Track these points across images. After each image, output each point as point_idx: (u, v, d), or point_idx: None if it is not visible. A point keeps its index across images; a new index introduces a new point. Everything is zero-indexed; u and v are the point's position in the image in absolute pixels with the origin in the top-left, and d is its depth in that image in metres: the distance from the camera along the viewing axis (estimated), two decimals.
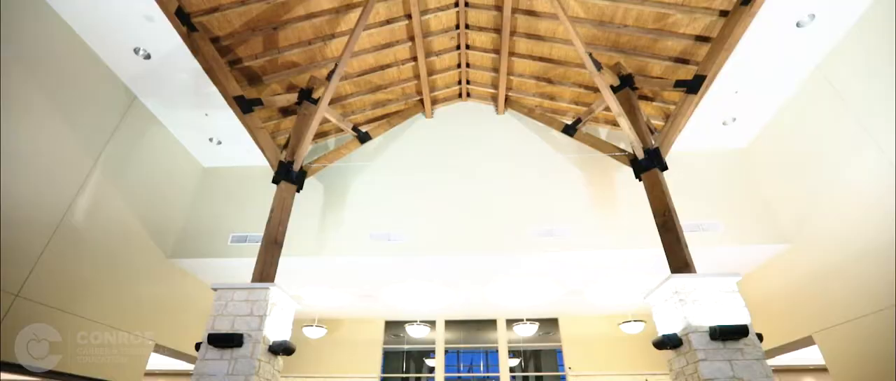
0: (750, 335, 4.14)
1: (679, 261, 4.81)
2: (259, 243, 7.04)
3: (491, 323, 10.89)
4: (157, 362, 8.49)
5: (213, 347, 4.41)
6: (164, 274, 7.43)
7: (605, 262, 7.26)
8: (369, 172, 8.03)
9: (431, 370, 10.74)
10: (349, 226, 7.38)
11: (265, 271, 5.04)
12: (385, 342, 10.86)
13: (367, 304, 9.45)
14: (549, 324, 10.80)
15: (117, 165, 6.49)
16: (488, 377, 11.59)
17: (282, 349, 4.57)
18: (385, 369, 13.35)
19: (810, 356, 8.02)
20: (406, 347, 11.37)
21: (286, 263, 7.17)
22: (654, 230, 6.79)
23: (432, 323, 10.74)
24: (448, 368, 12.59)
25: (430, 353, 11.03)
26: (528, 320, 9.80)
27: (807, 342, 6.75)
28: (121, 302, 6.60)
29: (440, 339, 10.73)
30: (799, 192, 6.65)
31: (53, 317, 5.52)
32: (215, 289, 4.86)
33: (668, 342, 4.36)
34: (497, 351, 10.66)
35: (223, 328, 4.52)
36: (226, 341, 4.32)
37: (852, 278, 5.85)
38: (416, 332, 10.03)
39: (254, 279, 5.06)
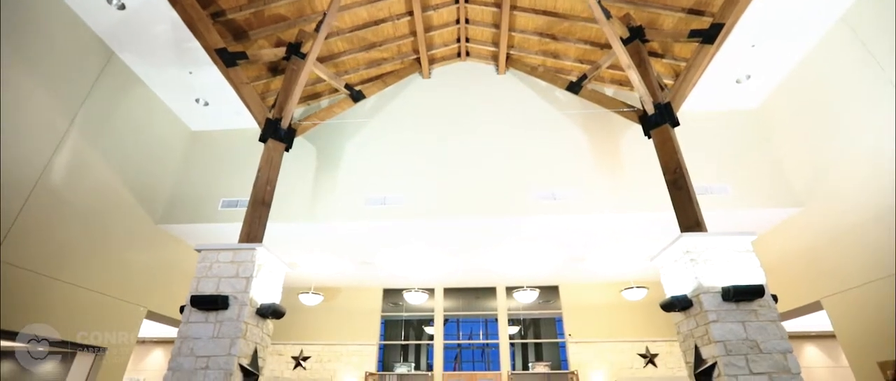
0: (765, 295, 3.91)
1: (690, 220, 4.54)
2: None
3: (491, 291, 10.76)
4: (151, 329, 8.40)
5: (196, 309, 4.19)
6: (153, 240, 7.21)
7: (609, 226, 7.01)
8: (364, 134, 7.69)
9: (432, 337, 10.68)
10: (343, 190, 7.09)
11: (252, 232, 4.78)
12: (383, 310, 10.77)
13: (365, 271, 9.27)
14: (549, 292, 10.67)
15: (98, 127, 6.18)
16: (488, 344, 11.58)
17: (271, 312, 4.36)
18: (385, 336, 13.37)
19: (813, 322, 7.90)
20: (405, 314, 11.30)
21: (278, 228, 6.98)
22: (661, 193, 6.50)
23: (431, 291, 10.61)
24: (448, 336, 12.58)
25: (430, 321, 10.96)
26: (528, 287, 9.64)
27: (815, 307, 6.59)
28: (110, 269, 6.43)
29: (439, 307, 10.62)
30: (813, 153, 6.37)
31: (39, 282, 5.32)
32: (199, 250, 4.62)
33: (677, 304, 4.13)
34: (497, 319, 10.57)
35: (208, 290, 4.29)
36: (210, 303, 4.10)
37: (865, 242, 5.63)
38: (414, 299, 9.90)
39: (241, 241, 4.81)
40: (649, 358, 9.54)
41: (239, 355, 3.99)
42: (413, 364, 16.40)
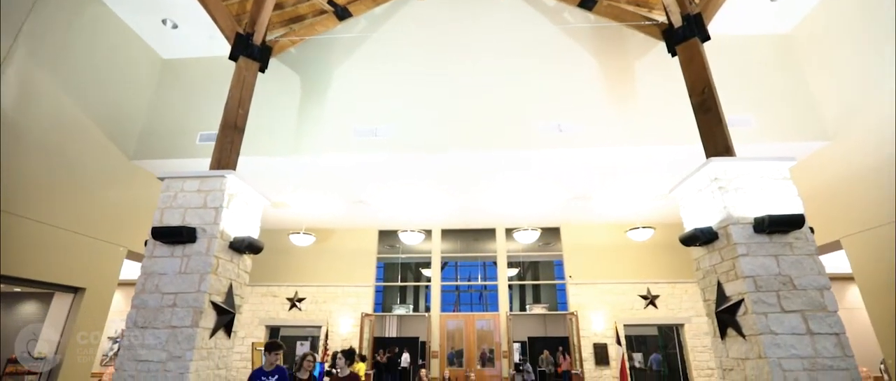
0: (804, 227, 3.45)
1: (719, 145, 4.00)
2: None
3: (490, 233, 10.42)
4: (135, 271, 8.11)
5: (160, 243, 3.73)
6: (128, 177, 6.72)
7: (618, 160, 6.48)
8: (353, 60, 6.95)
9: (429, 280, 10.47)
10: (330, 120, 6.49)
11: (223, 159, 4.25)
12: (380, 252, 10.49)
13: (359, 211, 8.84)
14: (550, 234, 10.35)
15: (49, 50, 5.56)
16: (487, 285, 11.47)
17: (246, 247, 3.91)
18: (384, 279, 13.26)
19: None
20: (402, 256, 11.05)
21: (261, 163, 6.49)
22: (677, 125, 6.01)
23: (428, 233, 10.26)
24: (447, 280, 12.44)
25: (428, 264, 10.71)
26: (530, 228, 9.26)
27: (834, 246, 6.24)
28: (83, 207, 6.05)
29: (436, 249, 10.32)
30: (847, 84, 5.82)
31: (4, 220, 4.86)
32: (162, 179, 4.10)
33: (701, 237, 3.68)
34: (495, 263, 10.31)
35: (173, 222, 3.82)
36: (174, 235, 3.63)
37: (892, 180, 5.16)
38: (410, 239, 9.55)
39: (211, 168, 4.27)
40: (650, 300, 9.38)
41: (210, 291, 3.58)
42: (411, 306, 16.55)
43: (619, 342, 8.92)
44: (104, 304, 6.39)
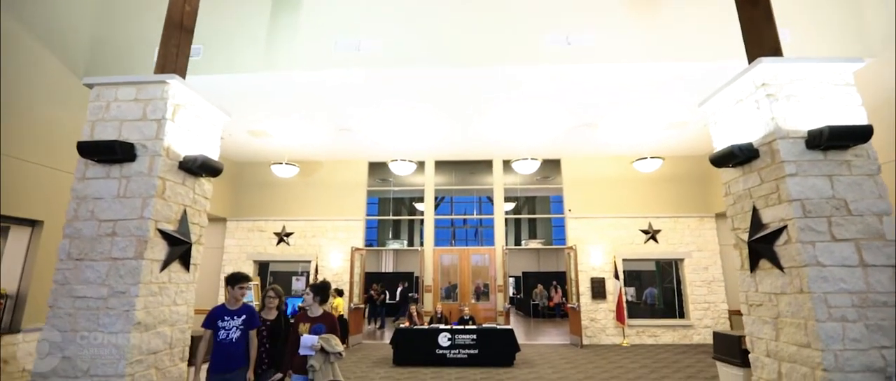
0: (869, 141, 2.86)
1: (767, 45, 3.30)
2: (196, 57, 5.50)
3: (486, 164, 9.84)
4: None
5: (93, 162, 3.11)
6: (82, 99, 5.91)
7: (633, 78, 5.75)
8: None
9: (423, 214, 10.03)
10: (308, 32, 5.64)
11: (167, 64, 3.52)
12: (371, 186, 9.97)
13: (346, 140, 8.15)
14: (550, 166, 9.80)
15: None
16: (482, 219, 11.10)
17: (199, 167, 3.29)
18: (379, 214, 12.88)
19: None
20: (394, 189, 10.56)
21: (231, 82, 5.74)
22: (702, 39, 5.28)
23: (421, 164, 9.67)
24: (442, 215, 12.01)
25: (422, 198, 10.24)
26: (530, 157, 8.66)
27: None
28: (35, 134, 5.35)
29: (430, 181, 9.78)
30: None
31: None
32: (90, 85, 3.40)
33: (739, 155, 3.09)
34: (491, 200, 9.83)
35: (106, 136, 3.17)
36: (106, 151, 3.00)
37: None
38: (402, 169, 8.97)
39: (156, 72, 3.56)
40: (651, 234, 9.05)
41: (155, 218, 3.02)
42: (406, 241, 16.40)
43: (617, 277, 8.70)
44: None
